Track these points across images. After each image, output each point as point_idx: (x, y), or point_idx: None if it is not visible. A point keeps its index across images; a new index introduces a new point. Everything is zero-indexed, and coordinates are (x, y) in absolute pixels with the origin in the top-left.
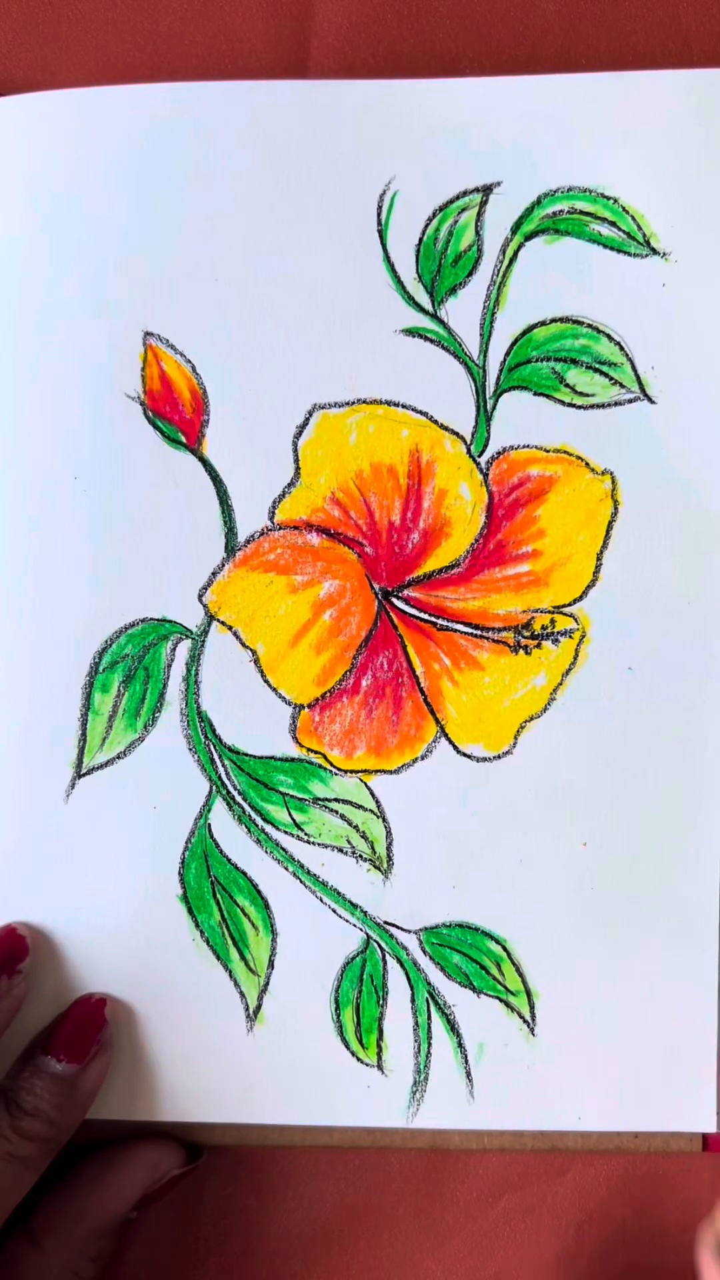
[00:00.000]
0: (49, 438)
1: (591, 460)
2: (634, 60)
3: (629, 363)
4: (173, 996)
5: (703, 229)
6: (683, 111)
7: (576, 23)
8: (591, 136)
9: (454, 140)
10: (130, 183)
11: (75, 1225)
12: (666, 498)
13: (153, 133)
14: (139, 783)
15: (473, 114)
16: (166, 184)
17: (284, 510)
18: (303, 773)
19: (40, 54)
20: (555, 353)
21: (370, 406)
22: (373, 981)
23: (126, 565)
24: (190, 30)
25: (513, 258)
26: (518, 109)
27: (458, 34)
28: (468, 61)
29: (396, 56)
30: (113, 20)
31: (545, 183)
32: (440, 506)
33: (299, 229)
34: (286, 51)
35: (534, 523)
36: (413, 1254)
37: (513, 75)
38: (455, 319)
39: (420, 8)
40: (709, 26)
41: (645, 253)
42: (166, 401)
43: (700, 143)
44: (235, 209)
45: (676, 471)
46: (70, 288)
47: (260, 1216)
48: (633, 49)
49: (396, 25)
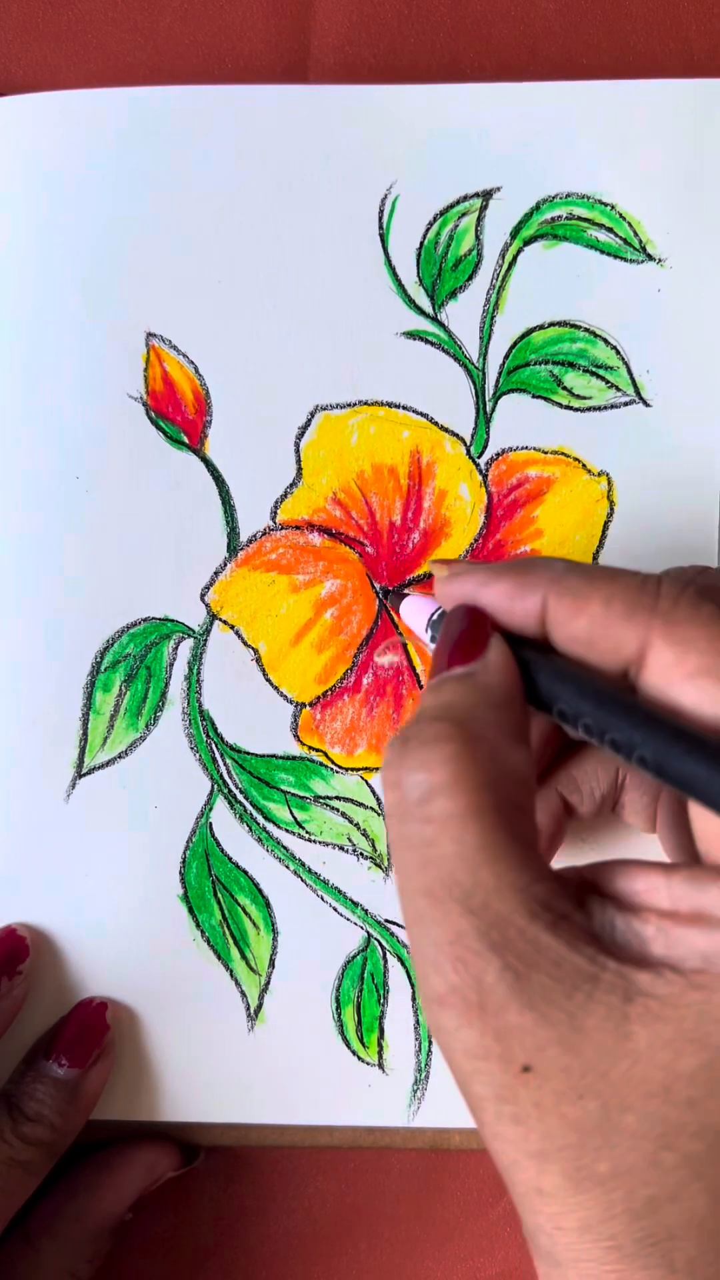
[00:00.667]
0: (51, 438)
1: (588, 462)
2: (634, 59)
3: (625, 366)
4: (173, 996)
5: (697, 236)
6: (679, 120)
7: (577, 22)
8: (589, 144)
9: (454, 146)
10: (132, 185)
11: (72, 1227)
12: (661, 499)
13: (154, 136)
14: (140, 782)
15: (473, 121)
16: (168, 186)
17: (286, 510)
18: (304, 771)
19: (40, 54)
20: (553, 356)
21: (371, 408)
22: (373, 980)
23: (129, 565)
24: (190, 30)
25: (512, 262)
26: (517, 116)
27: (458, 34)
28: (468, 61)
29: (396, 56)
30: (113, 20)
31: (544, 189)
32: (440, 507)
33: (301, 232)
34: (286, 51)
35: (532, 523)
36: (413, 1254)
37: (514, 74)
38: (455, 322)
39: (420, 7)
40: (709, 26)
41: (641, 258)
42: (169, 402)
43: (696, 151)
44: (238, 212)
45: (671, 473)
46: (72, 288)
47: (260, 1216)
48: (633, 48)
49: (396, 25)
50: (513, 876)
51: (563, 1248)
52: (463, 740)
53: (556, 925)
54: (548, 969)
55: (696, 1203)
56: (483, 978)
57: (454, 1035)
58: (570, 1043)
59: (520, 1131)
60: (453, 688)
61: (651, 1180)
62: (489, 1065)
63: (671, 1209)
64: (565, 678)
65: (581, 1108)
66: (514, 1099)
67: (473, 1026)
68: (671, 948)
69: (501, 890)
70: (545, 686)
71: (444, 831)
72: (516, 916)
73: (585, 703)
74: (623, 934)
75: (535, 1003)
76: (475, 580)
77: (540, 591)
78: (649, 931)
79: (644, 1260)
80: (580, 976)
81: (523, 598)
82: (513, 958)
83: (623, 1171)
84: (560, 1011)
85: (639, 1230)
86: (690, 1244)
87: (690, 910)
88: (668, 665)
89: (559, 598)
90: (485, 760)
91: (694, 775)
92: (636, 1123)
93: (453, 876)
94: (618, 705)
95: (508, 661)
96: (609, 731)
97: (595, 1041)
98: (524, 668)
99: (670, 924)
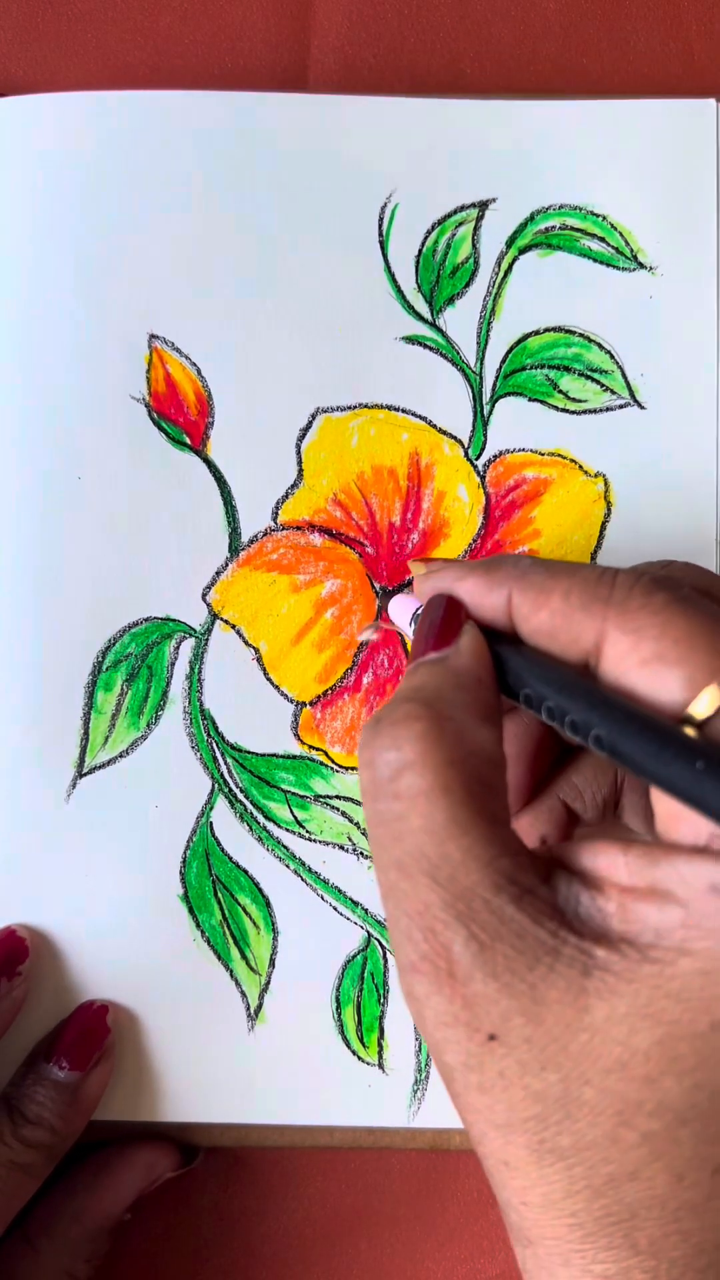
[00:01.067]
0: (54, 438)
1: (585, 463)
2: (634, 59)
3: (619, 370)
4: (174, 997)
5: (687, 245)
6: (667, 136)
7: (577, 22)
8: (583, 158)
9: (452, 158)
10: (134, 188)
11: (71, 1227)
12: (657, 499)
13: (157, 141)
14: (141, 781)
15: (470, 134)
16: (171, 191)
17: (287, 511)
18: (304, 770)
19: (40, 54)
20: (549, 360)
21: (371, 411)
22: (374, 980)
23: (130, 565)
24: (190, 30)
25: (508, 270)
26: (513, 131)
27: (458, 33)
28: (468, 62)
29: (397, 55)
30: (113, 20)
31: (538, 200)
32: (439, 508)
33: (304, 238)
34: (286, 51)
35: (530, 523)
36: (413, 1255)
37: (514, 74)
38: (453, 327)
39: (421, 6)
40: (709, 26)
41: (633, 267)
42: (171, 403)
43: (684, 165)
44: (240, 217)
45: (667, 474)
46: (73, 290)
47: (261, 1217)
48: (633, 47)
49: (397, 24)
50: (479, 850)
51: (530, 1224)
52: (431, 719)
53: (521, 899)
54: (511, 940)
55: (657, 1182)
56: (451, 946)
57: (425, 1003)
58: (532, 1014)
59: (487, 1101)
60: (425, 671)
61: (612, 1157)
62: (457, 1033)
63: (632, 1187)
64: (531, 666)
65: (543, 1079)
66: (480, 1068)
67: (442, 994)
68: (628, 923)
69: (467, 863)
70: (513, 674)
71: (413, 807)
72: (481, 889)
73: (548, 688)
74: (586, 909)
75: (499, 973)
76: (449, 577)
77: (506, 587)
78: (610, 907)
79: (607, 1239)
80: (542, 949)
81: (491, 594)
82: (477, 928)
83: (584, 1146)
84: (522, 983)
85: (599, 1208)
86: (653, 1225)
87: (645, 885)
88: (622, 653)
89: (523, 593)
90: (453, 739)
91: (644, 754)
92: (595, 1097)
93: (421, 850)
94: (576, 689)
95: (478, 646)
96: (569, 714)
97: (556, 1014)
98: (495, 659)
99: (629, 899)
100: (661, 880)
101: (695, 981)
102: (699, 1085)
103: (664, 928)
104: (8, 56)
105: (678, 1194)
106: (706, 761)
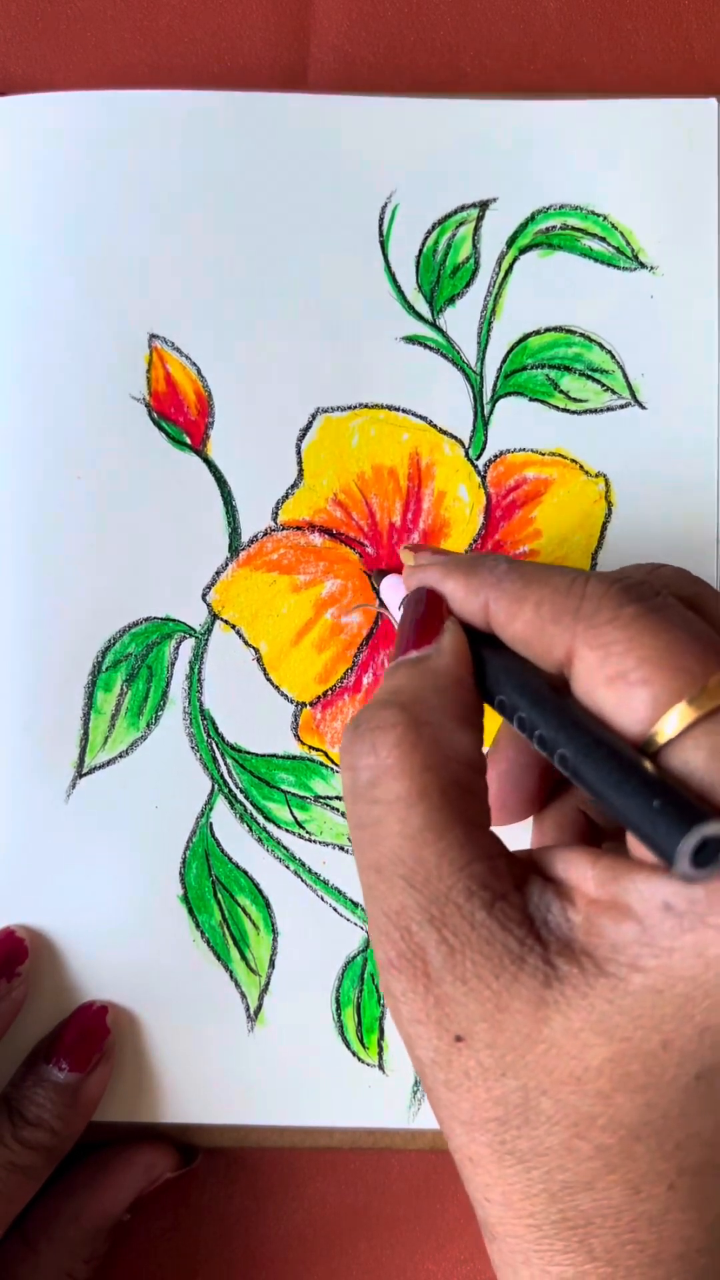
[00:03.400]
0: (54, 438)
1: (585, 463)
2: (635, 57)
3: (620, 370)
4: (173, 998)
5: (687, 245)
6: (667, 136)
7: (577, 21)
8: (583, 158)
9: (453, 158)
10: (134, 188)
11: (70, 1228)
12: (658, 499)
13: (157, 140)
14: (140, 782)
15: (471, 134)
16: (170, 190)
17: (287, 511)
18: (304, 771)
19: (40, 54)
20: (549, 360)
21: (371, 410)
22: (373, 981)
23: (130, 565)
24: (190, 29)
25: (508, 270)
26: (513, 131)
27: (458, 31)
28: (468, 60)
29: (396, 53)
30: (113, 19)
31: (539, 200)
32: (439, 508)
33: (304, 238)
34: (286, 50)
35: (530, 523)
36: (413, 1256)
37: (514, 73)
38: (453, 327)
39: (421, 5)
40: (710, 25)
41: (634, 266)
42: (171, 403)
43: (684, 165)
44: (240, 217)
45: (668, 474)
46: (73, 289)
47: (260, 1218)
48: (634, 46)
49: (396, 22)
50: (453, 855)
51: (494, 1220)
52: (408, 724)
53: (492, 904)
54: (479, 946)
55: (613, 1193)
56: (425, 947)
57: (400, 999)
58: (495, 1020)
59: (453, 1098)
60: (404, 672)
61: (568, 1166)
62: (428, 1030)
63: (586, 1197)
64: (508, 674)
65: (504, 1085)
66: (448, 1066)
67: (416, 991)
68: (590, 935)
69: (441, 868)
70: (491, 679)
71: (390, 812)
72: (454, 894)
73: (521, 699)
74: (555, 918)
75: (467, 977)
76: (434, 575)
77: (483, 594)
78: (577, 918)
79: (563, 1243)
80: (508, 957)
81: (470, 598)
82: (449, 932)
83: (541, 1153)
84: (488, 989)
85: (555, 1213)
86: (608, 1234)
87: (608, 899)
88: (590, 669)
89: (497, 601)
90: (430, 743)
91: (605, 783)
92: (552, 1108)
93: (397, 854)
94: (547, 704)
95: (460, 646)
96: (537, 728)
97: (516, 1023)
98: (476, 660)
99: (594, 911)
100: (622, 895)
101: (647, 999)
102: (651, 1104)
103: (620, 943)
104: (8, 56)
105: (634, 1206)
106: (663, 801)
